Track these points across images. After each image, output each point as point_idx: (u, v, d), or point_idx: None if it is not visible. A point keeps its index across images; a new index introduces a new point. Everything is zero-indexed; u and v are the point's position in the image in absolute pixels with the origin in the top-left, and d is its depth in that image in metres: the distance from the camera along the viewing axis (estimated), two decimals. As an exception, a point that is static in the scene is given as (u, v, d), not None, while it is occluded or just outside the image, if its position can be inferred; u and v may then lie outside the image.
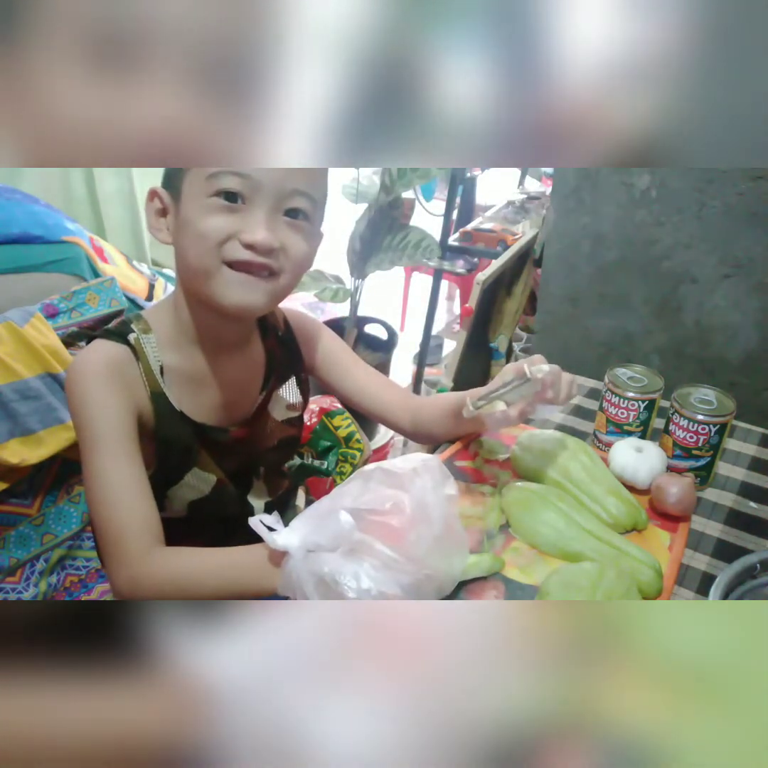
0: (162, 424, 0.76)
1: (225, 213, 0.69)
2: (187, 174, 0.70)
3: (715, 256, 1.28)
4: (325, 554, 0.61)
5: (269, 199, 0.69)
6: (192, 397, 0.79)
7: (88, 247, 1.16)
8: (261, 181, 0.68)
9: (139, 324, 0.76)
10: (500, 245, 2.28)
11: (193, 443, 0.80)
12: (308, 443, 1.88)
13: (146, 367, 0.75)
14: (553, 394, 0.79)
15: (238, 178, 0.68)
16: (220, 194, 0.68)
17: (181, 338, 0.78)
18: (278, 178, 0.69)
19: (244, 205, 0.69)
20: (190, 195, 0.70)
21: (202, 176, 0.69)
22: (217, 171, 0.68)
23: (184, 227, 0.71)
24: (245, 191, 0.68)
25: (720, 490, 0.94)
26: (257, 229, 0.69)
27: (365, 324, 2.44)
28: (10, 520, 1.00)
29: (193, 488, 0.81)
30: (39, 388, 0.98)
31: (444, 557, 0.66)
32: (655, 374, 0.99)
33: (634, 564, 0.74)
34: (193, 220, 0.70)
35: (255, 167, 0.68)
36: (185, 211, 0.71)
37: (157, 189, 0.74)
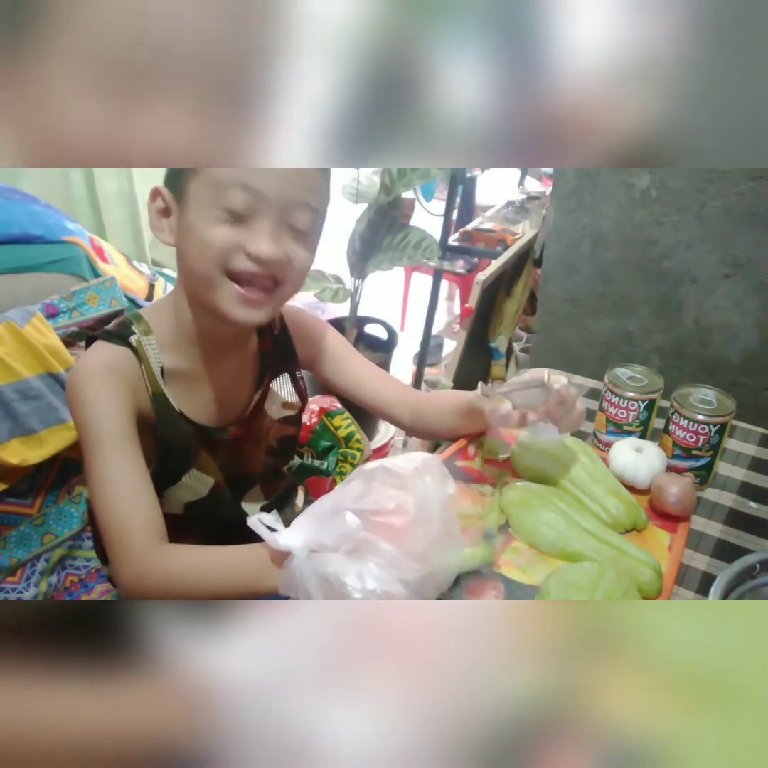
0: (162, 425, 0.77)
1: (231, 223, 0.69)
2: (194, 177, 0.69)
3: (715, 256, 1.28)
4: (328, 554, 0.61)
5: (275, 212, 0.70)
6: (191, 398, 0.79)
7: (88, 247, 1.16)
8: (267, 195, 0.68)
9: (139, 325, 0.76)
10: (500, 245, 2.28)
11: (192, 444, 0.80)
12: (308, 443, 1.88)
13: (148, 369, 0.75)
14: (560, 413, 0.78)
15: (244, 192, 0.67)
16: (226, 209, 0.68)
17: (181, 339, 0.78)
18: (284, 190, 0.69)
19: (250, 216, 0.69)
20: (196, 201, 0.70)
21: (209, 184, 0.68)
22: (225, 182, 0.67)
23: (188, 232, 0.71)
24: (251, 204, 0.68)
25: (720, 490, 0.94)
26: (263, 242, 0.69)
27: (365, 324, 2.44)
28: (10, 520, 1.00)
29: (191, 489, 0.82)
30: (40, 387, 0.98)
31: (443, 555, 0.66)
32: (655, 374, 0.99)
33: (633, 564, 0.74)
34: (197, 227, 0.70)
35: (261, 178, 0.67)
36: (190, 216, 0.70)
37: (160, 188, 0.74)
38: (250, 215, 0.69)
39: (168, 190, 0.73)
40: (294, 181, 0.70)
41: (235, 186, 0.67)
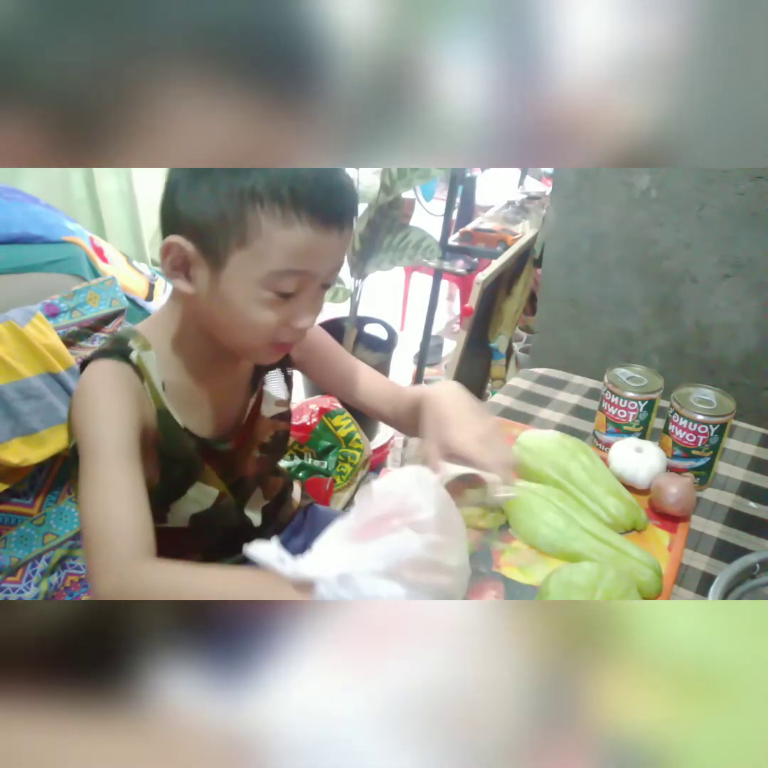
0: (167, 441, 0.75)
1: (278, 305, 0.69)
2: (237, 250, 0.66)
3: (715, 256, 1.28)
4: (361, 577, 0.57)
5: (318, 284, 0.71)
6: (192, 412, 0.79)
7: (88, 247, 1.16)
8: (317, 272, 0.69)
9: (137, 341, 0.74)
10: (500, 245, 2.28)
11: (196, 458, 0.79)
12: (308, 443, 1.88)
13: (150, 385, 0.73)
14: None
15: (297, 277, 0.68)
16: (277, 292, 0.68)
17: (180, 355, 0.77)
18: (332, 264, 0.70)
19: (297, 293, 0.70)
20: (241, 277, 0.68)
21: (260, 266, 0.67)
22: (281, 270, 0.67)
23: (226, 304, 0.70)
24: (301, 284, 0.69)
25: (720, 490, 0.94)
26: (309, 315, 0.72)
27: (365, 324, 2.44)
28: (11, 520, 1.00)
29: (196, 502, 0.81)
30: (40, 387, 0.98)
31: (463, 559, 0.67)
32: (655, 374, 0.99)
33: (633, 564, 0.74)
34: (241, 305, 0.69)
35: (316, 261, 0.68)
36: (231, 289, 0.69)
37: (179, 243, 0.68)
38: (298, 292, 0.70)
39: (195, 248, 0.68)
40: (342, 252, 0.71)
41: (290, 273, 0.67)
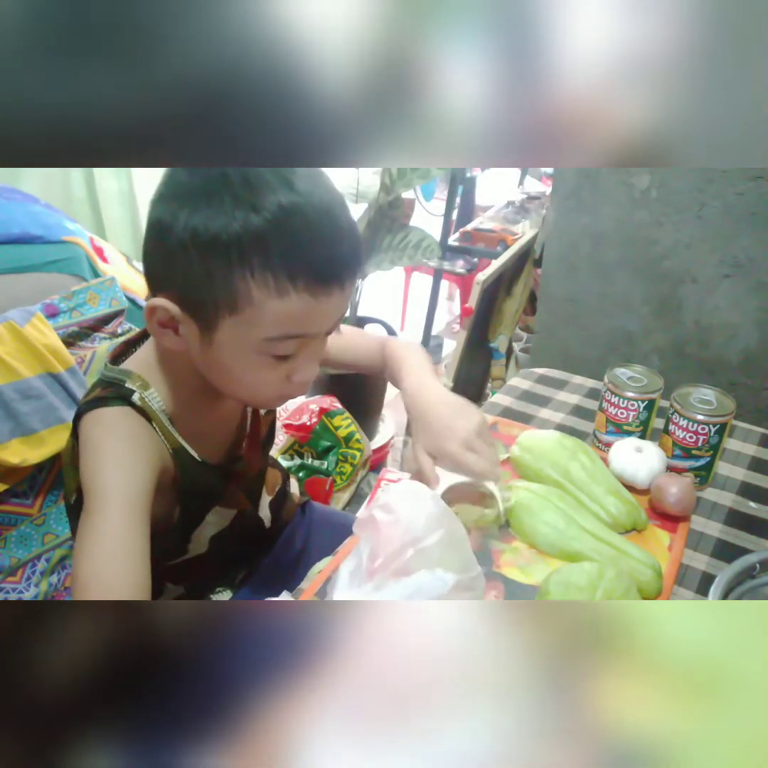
0: (187, 477, 0.73)
1: (277, 365, 0.66)
2: (229, 316, 0.63)
3: (715, 256, 1.28)
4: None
5: (321, 337, 0.69)
6: (204, 443, 0.77)
7: (88, 247, 1.16)
8: (316, 332, 0.66)
9: (134, 382, 0.70)
10: (500, 245, 2.29)
11: (218, 486, 0.79)
12: (308, 443, 1.88)
13: (160, 425, 0.71)
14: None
15: (295, 340, 0.65)
16: (274, 356, 0.66)
17: (180, 390, 0.74)
18: (333, 320, 0.67)
19: (297, 353, 0.67)
20: (235, 343, 0.65)
21: (252, 332, 0.63)
22: (276, 336, 0.63)
23: (222, 367, 0.68)
24: (301, 345, 0.66)
25: (720, 490, 0.94)
26: (310, 369, 0.69)
27: (365, 324, 2.44)
28: (11, 520, 1.00)
29: (215, 524, 0.81)
30: (40, 387, 0.98)
31: (475, 567, 0.68)
32: (655, 374, 0.99)
33: (633, 564, 0.74)
34: (237, 370, 0.67)
35: (314, 323, 0.65)
36: (224, 353, 0.66)
37: (164, 306, 0.64)
38: (297, 352, 0.67)
39: (182, 310, 0.65)
40: (346, 304, 0.68)
41: (287, 337, 0.64)
